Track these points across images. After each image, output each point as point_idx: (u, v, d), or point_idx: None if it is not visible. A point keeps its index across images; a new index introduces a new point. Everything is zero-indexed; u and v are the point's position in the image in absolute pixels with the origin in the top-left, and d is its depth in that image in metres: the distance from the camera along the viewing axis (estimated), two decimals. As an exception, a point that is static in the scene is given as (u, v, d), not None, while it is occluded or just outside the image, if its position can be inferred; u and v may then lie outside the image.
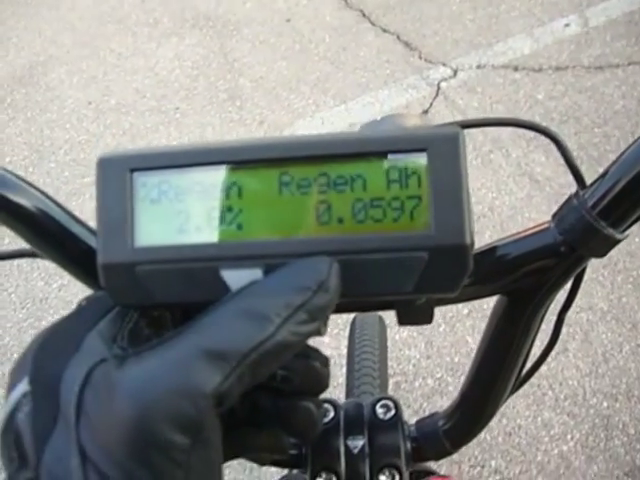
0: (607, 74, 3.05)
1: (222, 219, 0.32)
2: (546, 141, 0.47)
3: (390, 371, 1.92)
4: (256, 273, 0.31)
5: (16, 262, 2.44)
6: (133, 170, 0.33)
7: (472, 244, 0.31)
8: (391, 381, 1.91)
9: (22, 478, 0.29)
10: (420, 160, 0.31)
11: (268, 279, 0.31)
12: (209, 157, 0.33)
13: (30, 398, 0.30)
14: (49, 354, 0.31)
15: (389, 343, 1.36)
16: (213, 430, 0.29)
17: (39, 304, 2.34)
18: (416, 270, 0.31)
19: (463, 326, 2.04)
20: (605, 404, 1.82)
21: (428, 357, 2.00)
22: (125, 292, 0.33)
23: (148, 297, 0.33)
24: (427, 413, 1.80)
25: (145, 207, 0.33)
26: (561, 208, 0.45)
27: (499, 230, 2.30)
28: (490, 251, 0.47)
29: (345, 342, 1.33)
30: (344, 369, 1.26)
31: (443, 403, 1.87)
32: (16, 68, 3.63)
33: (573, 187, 0.46)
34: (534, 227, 0.46)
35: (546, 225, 0.46)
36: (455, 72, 3.19)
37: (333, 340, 1.96)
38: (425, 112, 2.96)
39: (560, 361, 1.92)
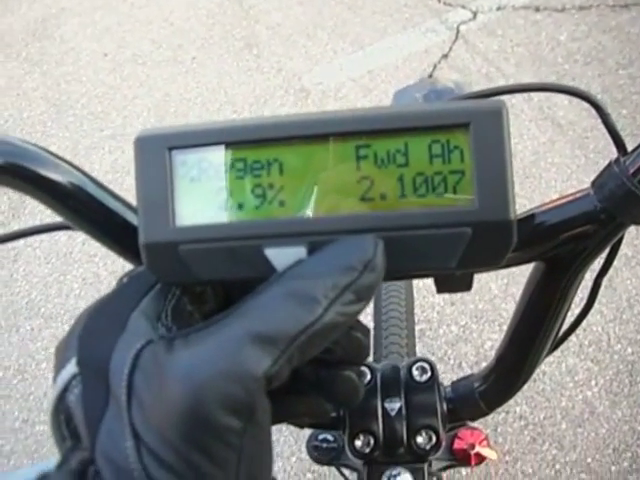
0: (633, 12, 2.97)
1: (264, 196, 0.32)
2: (568, 84, 0.46)
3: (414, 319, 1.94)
4: (300, 251, 0.31)
5: (39, 217, 2.46)
6: (172, 148, 0.33)
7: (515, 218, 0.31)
8: (415, 328, 1.92)
9: (77, 457, 0.29)
10: (463, 134, 0.31)
11: (313, 259, 0.31)
12: (249, 134, 0.32)
13: (79, 380, 0.31)
14: (95, 335, 0.32)
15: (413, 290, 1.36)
16: (264, 412, 0.29)
17: (63, 258, 2.37)
18: (460, 246, 0.31)
19: (487, 273, 2.04)
20: (629, 350, 1.82)
21: (452, 304, 2.00)
22: (168, 270, 0.33)
23: (191, 275, 0.33)
24: (451, 360, 1.82)
25: (185, 186, 0.33)
26: (601, 174, 0.44)
27: (521, 175, 2.28)
28: (529, 218, 0.46)
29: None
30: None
31: (467, 350, 1.88)
32: (29, 21, 3.61)
33: (596, 130, 0.46)
34: (573, 194, 0.46)
35: (586, 192, 0.45)
36: (475, 14, 3.13)
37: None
38: (445, 56, 2.91)
39: (584, 307, 1.92)
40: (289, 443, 1.76)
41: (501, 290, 1.99)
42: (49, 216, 0.53)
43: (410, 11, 3.22)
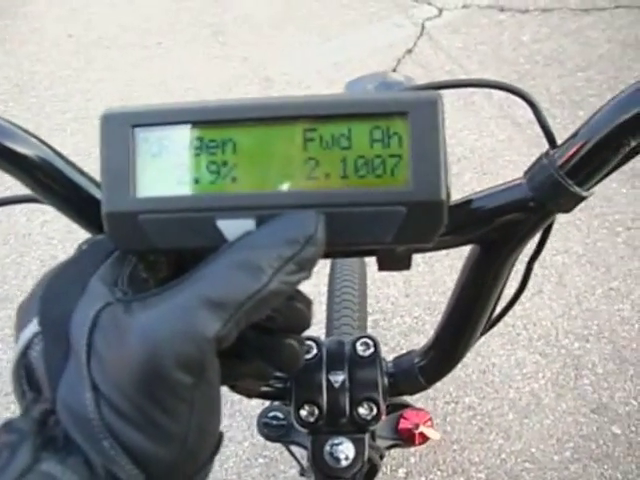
0: (593, 17, 3.05)
1: (218, 173, 0.35)
2: (528, 84, 0.50)
3: (369, 309, 1.97)
4: (249, 223, 0.34)
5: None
6: (135, 126, 0.35)
7: (448, 199, 0.34)
8: (370, 319, 1.96)
9: (38, 409, 0.32)
10: (402, 122, 0.34)
11: (260, 232, 0.34)
12: (206, 115, 0.35)
13: (41, 337, 0.33)
14: (56, 297, 0.34)
15: (368, 282, 1.39)
16: (214, 370, 0.32)
17: (22, 240, 2.36)
18: (395, 223, 0.34)
19: (441, 266, 2.08)
20: (576, 344, 1.88)
21: (407, 296, 2.04)
22: (128, 239, 0.36)
23: (149, 243, 0.36)
24: (404, 350, 1.86)
25: (146, 160, 0.35)
26: (533, 166, 0.48)
27: (479, 172, 2.33)
28: (465, 203, 0.50)
29: (325, 280, 1.37)
30: (323, 307, 1.30)
31: (420, 341, 1.92)
32: (-6, -1, 3.57)
33: (553, 130, 0.49)
34: (507, 183, 0.49)
35: (518, 181, 0.49)
36: (440, 11, 3.18)
37: (313, 277, 1.98)
38: (409, 51, 2.95)
39: (535, 302, 1.97)
40: (242, 428, 1.78)
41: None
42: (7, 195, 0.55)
43: (377, 5, 3.26)
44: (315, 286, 1.90)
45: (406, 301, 2.03)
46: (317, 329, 1.88)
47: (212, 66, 3.02)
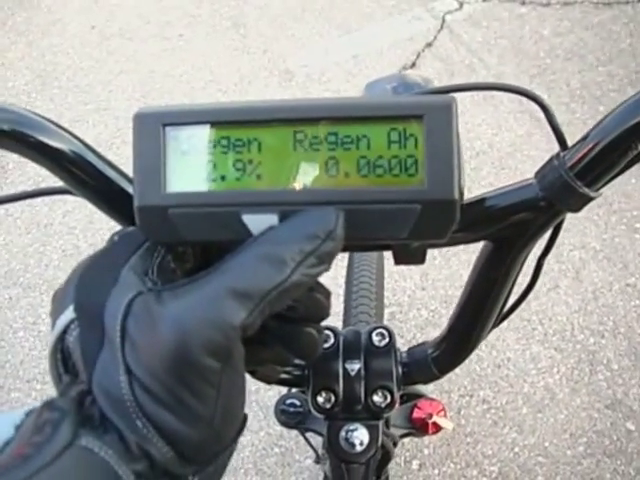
0: (615, 10, 3.03)
1: (244, 170, 0.37)
2: (548, 79, 0.51)
3: (385, 301, 1.98)
4: (272, 218, 0.36)
5: (20, 189, 2.46)
6: (166, 125, 0.37)
7: (461, 198, 0.36)
8: (386, 311, 1.97)
9: (74, 390, 0.34)
10: (417, 125, 0.36)
11: (283, 226, 0.36)
12: (233, 116, 0.37)
13: (77, 324, 0.35)
14: (90, 286, 0.36)
15: (385, 274, 1.41)
16: (239, 356, 0.35)
17: (44, 229, 2.39)
18: (410, 219, 0.36)
19: (458, 260, 2.09)
20: (592, 340, 1.89)
21: (423, 289, 2.06)
22: (158, 231, 0.38)
23: (179, 236, 0.38)
24: (419, 343, 1.86)
25: (176, 158, 0.37)
26: (544, 167, 0.50)
27: (497, 166, 2.33)
28: (478, 202, 0.52)
29: (342, 272, 1.38)
30: (341, 298, 1.32)
31: (436, 334, 1.91)
32: (16, -10, 3.60)
33: (572, 125, 0.51)
34: (519, 182, 0.51)
35: (529, 181, 0.51)
36: (461, 5, 3.17)
37: (331, 270, 1.99)
38: (429, 45, 2.95)
39: (551, 297, 1.98)
40: (258, 418, 1.80)
41: (471, 278, 2.04)
42: (30, 186, 0.57)
43: (397, -2, 3.25)
44: (333, 278, 1.92)
45: (422, 294, 2.04)
46: (335, 319, 1.90)
47: (232, 58, 3.03)
